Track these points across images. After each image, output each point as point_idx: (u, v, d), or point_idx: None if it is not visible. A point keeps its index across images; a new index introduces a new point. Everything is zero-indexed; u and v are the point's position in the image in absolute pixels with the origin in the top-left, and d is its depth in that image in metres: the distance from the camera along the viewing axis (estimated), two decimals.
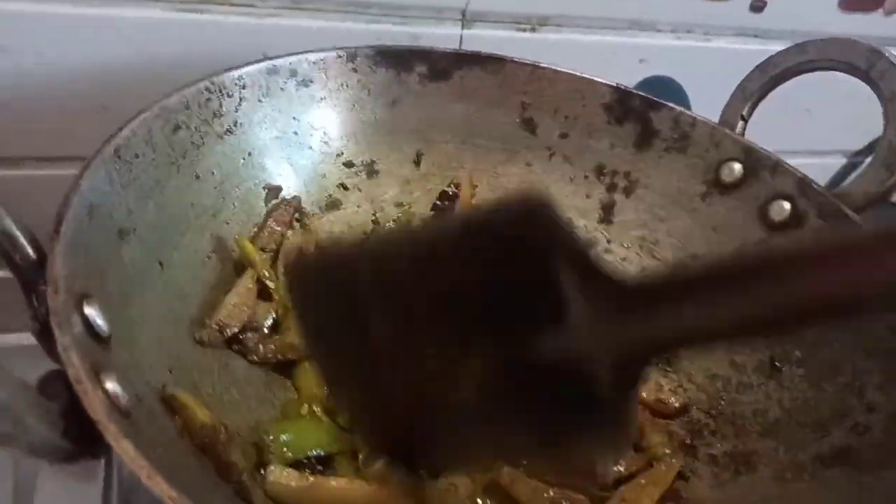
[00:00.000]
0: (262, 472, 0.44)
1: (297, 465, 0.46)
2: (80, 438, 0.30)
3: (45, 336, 0.34)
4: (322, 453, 0.48)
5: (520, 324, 0.30)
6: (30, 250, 0.36)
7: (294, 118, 0.64)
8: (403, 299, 0.32)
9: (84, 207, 0.41)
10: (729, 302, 0.29)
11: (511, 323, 0.30)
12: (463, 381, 0.32)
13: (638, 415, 0.45)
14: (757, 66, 0.69)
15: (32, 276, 0.36)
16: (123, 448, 0.29)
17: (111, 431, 0.29)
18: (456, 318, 0.32)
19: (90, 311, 0.36)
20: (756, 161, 0.66)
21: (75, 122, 0.67)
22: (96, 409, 0.30)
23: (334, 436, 0.50)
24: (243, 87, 0.59)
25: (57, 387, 0.31)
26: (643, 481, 0.52)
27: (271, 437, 0.46)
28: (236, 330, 0.51)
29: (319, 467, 0.47)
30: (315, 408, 0.52)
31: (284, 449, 0.46)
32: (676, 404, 0.60)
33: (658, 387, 0.61)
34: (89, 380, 0.31)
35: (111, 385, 0.33)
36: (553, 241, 0.30)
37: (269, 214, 0.61)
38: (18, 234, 0.36)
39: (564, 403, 0.31)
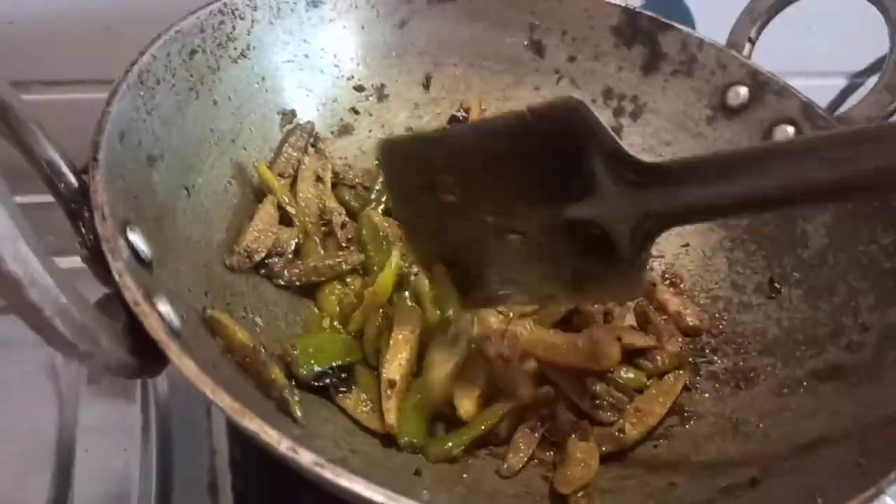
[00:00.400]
0: (293, 384, 0.46)
1: (319, 376, 0.48)
2: (143, 356, 0.32)
3: (95, 261, 0.35)
4: (343, 363, 0.50)
5: (560, 194, 0.40)
6: (72, 178, 0.37)
7: (305, 41, 0.63)
8: (468, 176, 0.43)
9: (116, 134, 0.41)
10: (724, 184, 0.37)
11: (554, 193, 0.40)
12: (513, 238, 0.43)
13: (646, 276, 0.51)
14: None
15: (76, 203, 0.37)
16: (186, 365, 0.31)
17: (173, 350, 0.31)
18: (510, 190, 0.42)
19: (134, 237, 0.37)
20: (762, 85, 0.66)
21: (79, 45, 0.66)
22: (156, 329, 0.32)
23: (352, 346, 0.52)
24: (255, 9, 0.59)
25: (114, 308, 0.33)
26: (654, 391, 0.55)
27: (297, 351, 0.48)
28: (263, 255, 0.53)
29: (343, 375, 0.49)
30: (335, 323, 0.55)
31: (311, 361, 0.48)
32: (691, 322, 0.62)
33: (683, 303, 0.64)
34: (146, 302, 0.32)
35: (163, 307, 0.35)
36: (588, 134, 0.39)
37: (284, 140, 0.61)
38: (61, 162, 0.36)
39: (591, 258, 0.41)
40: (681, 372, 0.58)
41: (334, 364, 0.49)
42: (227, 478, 0.50)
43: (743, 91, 0.68)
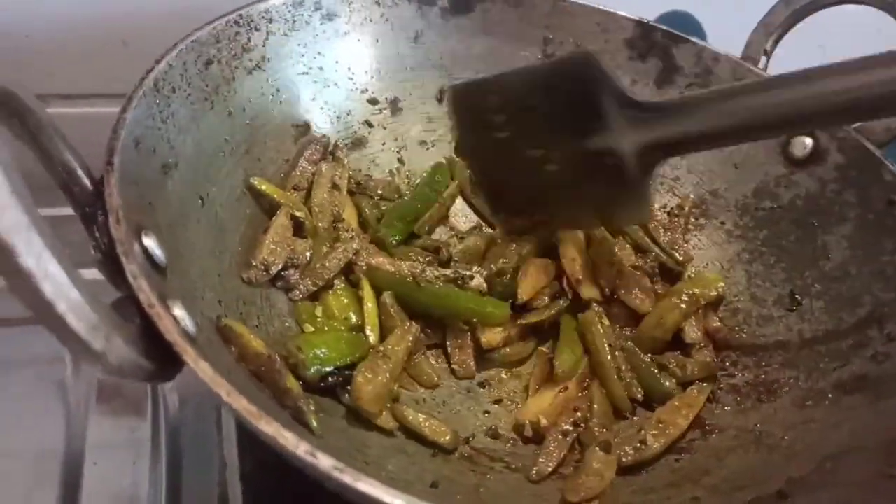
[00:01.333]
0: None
1: (326, 376, 0.48)
2: (157, 359, 0.31)
3: (108, 265, 0.35)
4: (349, 362, 0.49)
5: (583, 129, 0.49)
6: (87, 182, 0.37)
7: (320, 53, 0.63)
8: (513, 114, 0.53)
9: (131, 140, 0.41)
10: (719, 115, 0.47)
11: (578, 129, 0.49)
12: (549, 168, 0.51)
13: (651, 201, 0.57)
14: (781, 0, 0.68)
15: (90, 207, 0.37)
16: (202, 368, 0.30)
17: (189, 353, 0.30)
18: (546, 127, 0.52)
19: (148, 242, 0.37)
20: None
21: (96, 59, 0.66)
22: (171, 331, 0.31)
23: (356, 343, 0.52)
24: (270, 21, 0.59)
25: (128, 311, 0.32)
26: (677, 403, 0.54)
27: (303, 353, 0.47)
28: (279, 267, 0.52)
29: (348, 372, 0.49)
30: (336, 324, 0.54)
31: (317, 363, 0.47)
32: (720, 336, 0.62)
33: (713, 319, 0.63)
34: (161, 304, 0.32)
35: (178, 311, 0.34)
36: (597, 80, 0.49)
37: (299, 153, 0.61)
38: (77, 166, 0.36)
39: (607, 184, 0.50)
40: (705, 384, 0.57)
41: (340, 363, 0.48)
42: (237, 491, 0.49)
43: None
